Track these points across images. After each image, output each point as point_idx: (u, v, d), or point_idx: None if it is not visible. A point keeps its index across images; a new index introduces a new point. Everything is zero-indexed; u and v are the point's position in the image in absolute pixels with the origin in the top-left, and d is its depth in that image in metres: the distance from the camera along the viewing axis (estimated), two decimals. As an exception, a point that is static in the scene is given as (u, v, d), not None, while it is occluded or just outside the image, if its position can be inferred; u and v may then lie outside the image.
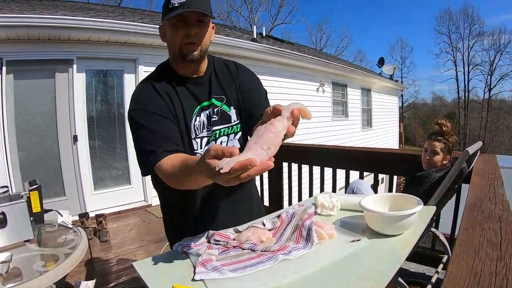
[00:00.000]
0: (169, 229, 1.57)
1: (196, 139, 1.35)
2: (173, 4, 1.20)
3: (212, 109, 1.38)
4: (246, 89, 1.45)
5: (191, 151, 1.34)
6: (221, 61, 1.49)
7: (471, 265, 0.78)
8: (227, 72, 1.46)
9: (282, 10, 36.99)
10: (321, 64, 9.51)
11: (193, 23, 1.24)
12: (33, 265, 1.65)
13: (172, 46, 1.31)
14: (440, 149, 2.25)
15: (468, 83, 35.23)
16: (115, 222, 4.83)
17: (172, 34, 1.27)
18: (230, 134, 1.42)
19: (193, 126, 1.34)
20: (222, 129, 1.39)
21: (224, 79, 1.44)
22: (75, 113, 5.01)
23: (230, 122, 1.41)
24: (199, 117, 1.36)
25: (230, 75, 1.46)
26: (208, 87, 1.40)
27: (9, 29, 4.19)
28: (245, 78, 1.48)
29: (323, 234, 1.15)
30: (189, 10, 1.20)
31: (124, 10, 8.90)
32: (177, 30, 1.25)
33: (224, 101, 1.40)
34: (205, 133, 1.37)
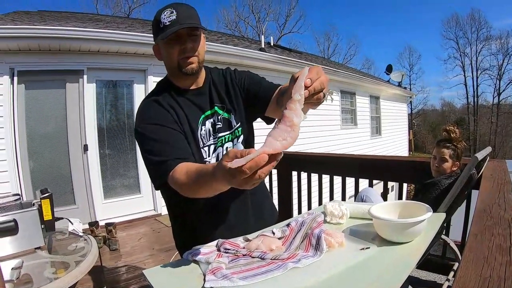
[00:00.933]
0: (178, 237, 1.57)
1: (204, 147, 1.37)
2: (164, 23, 1.24)
3: (216, 116, 1.41)
4: (246, 84, 1.48)
5: (201, 160, 1.36)
6: (217, 71, 1.52)
7: (480, 270, 0.77)
8: (223, 79, 1.49)
9: (290, 19, 37.05)
10: (329, 72, 9.50)
11: (186, 38, 1.27)
12: (43, 272, 1.66)
13: (170, 62, 1.34)
14: (449, 156, 2.23)
15: (477, 88, 34.94)
16: (125, 231, 4.85)
17: (168, 51, 1.30)
18: (233, 139, 1.45)
19: (200, 136, 1.37)
20: (226, 136, 1.43)
21: (221, 87, 1.47)
22: (86, 123, 5.07)
23: (232, 128, 1.44)
24: (204, 126, 1.38)
25: (226, 81, 1.49)
26: (209, 97, 1.43)
27: (21, 40, 4.29)
28: (241, 77, 1.50)
29: (333, 242, 1.15)
30: (181, 27, 1.22)
31: (133, 21, 9.01)
32: (172, 47, 1.28)
33: (224, 108, 1.43)
34: (212, 140, 1.39)
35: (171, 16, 1.24)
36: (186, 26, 1.23)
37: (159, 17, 1.25)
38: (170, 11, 1.24)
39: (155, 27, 1.29)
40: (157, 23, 1.27)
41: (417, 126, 36.40)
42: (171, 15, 1.24)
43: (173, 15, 1.24)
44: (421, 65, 62.08)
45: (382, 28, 70.44)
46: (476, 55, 34.57)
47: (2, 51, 4.40)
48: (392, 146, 14.24)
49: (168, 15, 1.24)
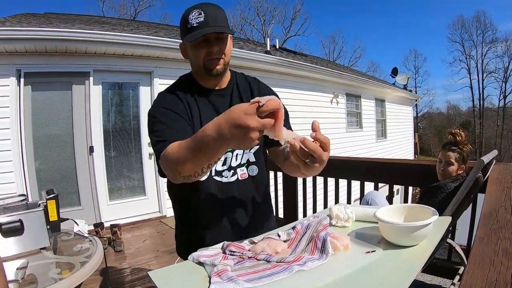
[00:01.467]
0: (181, 238, 1.58)
1: None
2: (192, 24, 1.24)
3: None
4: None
5: None
6: (243, 76, 1.53)
7: (486, 274, 0.77)
8: (248, 86, 1.50)
9: (295, 22, 37.13)
10: (335, 75, 9.49)
11: (214, 41, 1.28)
12: (48, 273, 1.66)
13: (196, 63, 1.35)
14: (455, 159, 2.21)
15: (482, 91, 34.84)
16: (130, 233, 4.86)
17: (195, 53, 1.31)
18: None
19: None
20: None
21: (245, 93, 1.47)
22: (91, 125, 5.10)
23: None
24: None
25: (251, 90, 1.49)
26: (230, 100, 1.43)
27: (27, 42, 4.32)
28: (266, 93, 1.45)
29: (338, 245, 1.14)
30: (210, 32, 1.23)
31: (139, 24, 9.05)
32: (199, 49, 1.29)
33: None
34: None
35: (199, 17, 1.24)
36: (213, 31, 1.24)
37: (187, 17, 1.25)
38: (198, 12, 1.25)
39: (183, 26, 1.29)
40: (184, 22, 1.27)
41: (423, 129, 36.30)
42: (199, 16, 1.24)
43: (201, 16, 1.24)
44: (427, 67, 61.91)
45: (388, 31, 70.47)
46: (481, 57, 34.54)
47: (9, 52, 4.44)
48: (398, 149, 14.18)
49: (196, 16, 1.24)
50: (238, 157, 1.42)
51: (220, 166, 1.40)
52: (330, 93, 9.75)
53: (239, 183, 1.42)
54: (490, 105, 35.42)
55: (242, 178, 1.42)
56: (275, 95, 1.51)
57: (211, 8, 1.27)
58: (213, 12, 1.27)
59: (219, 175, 1.40)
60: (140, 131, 5.62)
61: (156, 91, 5.61)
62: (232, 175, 1.41)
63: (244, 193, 1.44)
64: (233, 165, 1.41)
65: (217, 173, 1.40)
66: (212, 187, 1.39)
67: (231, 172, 1.41)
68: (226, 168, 1.40)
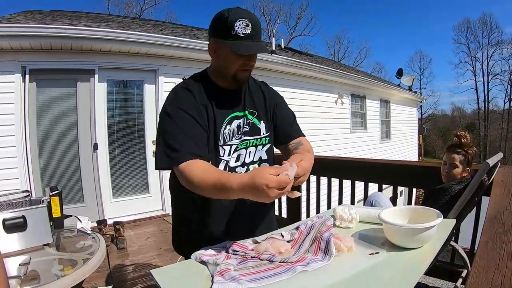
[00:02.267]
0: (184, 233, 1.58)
1: (224, 146, 1.40)
2: (237, 33, 1.27)
3: (244, 120, 1.45)
4: (277, 108, 1.57)
5: (216, 157, 1.38)
6: (252, 78, 1.57)
7: (491, 278, 0.77)
8: (259, 89, 1.56)
9: (300, 22, 37.11)
10: (340, 75, 9.47)
11: (253, 56, 1.35)
12: (51, 269, 1.67)
13: (225, 68, 1.37)
14: (459, 161, 2.19)
15: (487, 93, 34.75)
16: (133, 230, 4.87)
17: (231, 59, 1.33)
18: (258, 145, 1.49)
19: (222, 134, 1.39)
20: (251, 140, 1.47)
21: (256, 96, 1.53)
22: (96, 122, 5.11)
23: (259, 135, 1.49)
24: (229, 125, 1.41)
25: (262, 93, 1.56)
26: (243, 100, 1.48)
27: (33, 39, 4.33)
28: (276, 99, 1.60)
29: (342, 247, 1.14)
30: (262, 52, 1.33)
31: (144, 22, 9.06)
32: (238, 58, 1.32)
33: (255, 115, 1.49)
34: (234, 141, 1.42)
35: (246, 29, 1.27)
36: (265, 52, 1.34)
37: (233, 24, 1.26)
38: (245, 23, 1.27)
39: (223, 28, 1.29)
40: (227, 26, 1.27)
41: (427, 131, 36.18)
42: (246, 28, 1.27)
43: (248, 28, 1.27)
44: (432, 69, 61.55)
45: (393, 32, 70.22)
46: (487, 59, 34.44)
47: (15, 49, 4.46)
48: (402, 151, 14.13)
49: (243, 27, 1.27)
50: (251, 154, 1.47)
51: (234, 163, 1.43)
52: (335, 94, 9.73)
53: None
54: (495, 107, 35.36)
55: None
56: (282, 99, 1.62)
57: (256, 22, 1.31)
58: (258, 26, 1.32)
59: (232, 171, 1.42)
60: (144, 129, 5.64)
61: (161, 89, 5.63)
62: (245, 172, 1.44)
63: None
64: (246, 162, 1.46)
65: (231, 169, 1.42)
66: None
67: (244, 169, 1.45)
68: (240, 164, 1.44)
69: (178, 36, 5.90)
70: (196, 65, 5.78)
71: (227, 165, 1.41)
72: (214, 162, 1.37)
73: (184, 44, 5.55)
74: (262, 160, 1.51)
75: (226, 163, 1.41)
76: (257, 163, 1.49)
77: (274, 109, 1.56)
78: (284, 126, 1.56)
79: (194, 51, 5.64)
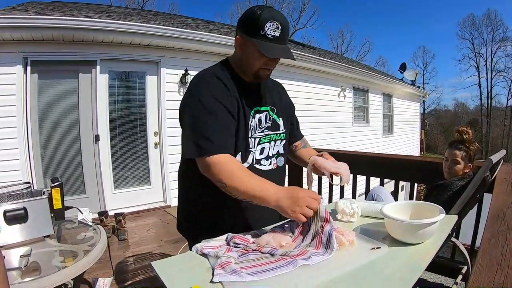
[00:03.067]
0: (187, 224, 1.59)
1: (252, 138, 1.44)
2: (266, 34, 1.30)
3: (267, 115, 1.51)
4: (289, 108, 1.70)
5: (247, 149, 1.42)
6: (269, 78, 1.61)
7: (494, 276, 0.77)
8: (276, 88, 1.66)
9: (304, 15, 36.91)
10: (343, 69, 9.43)
11: (277, 59, 1.39)
12: (52, 261, 1.67)
13: (249, 65, 1.40)
14: (461, 157, 2.18)
15: (491, 90, 34.50)
16: (134, 222, 4.88)
17: (254, 57, 1.36)
18: (277, 140, 1.55)
19: (250, 126, 1.43)
20: (272, 135, 1.52)
21: (274, 92, 1.61)
22: (98, 113, 5.10)
23: (278, 130, 1.56)
24: (254, 118, 1.45)
25: (279, 93, 1.65)
26: (264, 95, 1.53)
27: (34, 30, 4.31)
28: (288, 98, 1.71)
29: (344, 241, 1.13)
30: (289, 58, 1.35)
31: (146, 13, 9.02)
32: (262, 57, 1.34)
33: (275, 111, 1.55)
34: (258, 133, 1.46)
35: (276, 31, 1.30)
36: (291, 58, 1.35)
37: (264, 23, 1.29)
38: (276, 25, 1.30)
39: (253, 26, 1.31)
40: (257, 23, 1.30)
41: (429, 126, 36.09)
42: (276, 30, 1.30)
43: (278, 31, 1.31)
44: (435, 64, 61.14)
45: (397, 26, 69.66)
46: (491, 56, 34.14)
47: (16, 41, 4.43)
48: (404, 145, 14.11)
49: (273, 29, 1.30)
50: (273, 148, 1.53)
51: (258, 155, 1.47)
52: (337, 87, 9.70)
53: (273, 171, 1.52)
54: (498, 104, 35.10)
55: (274, 167, 1.54)
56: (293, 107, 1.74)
57: (286, 25, 1.34)
58: (288, 30, 1.35)
59: (258, 163, 1.47)
60: (146, 121, 5.63)
61: (163, 81, 5.62)
62: (269, 164, 1.51)
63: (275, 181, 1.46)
64: (269, 155, 1.51)
65: (257, 162, 1.47)
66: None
67: (268, 161, 1.50)
68: (264, 157, 1.49)
69: (180, 27, 5.86)
70: (198, 56, 5.77)
71: (254, 156, 1.45)
72: (244, 153, 1.41)
73: (186, 35, 5.52)
74: (279, 154, 1.57)
75: (253, 154, 1.45)
76: (275, 157, 1.55)
77: (290, 111, 1.68)
78: (294, 128, 1.72)
79: (197, 43, 5.61)
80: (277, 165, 1.55)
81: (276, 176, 1.53)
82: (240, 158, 1.41)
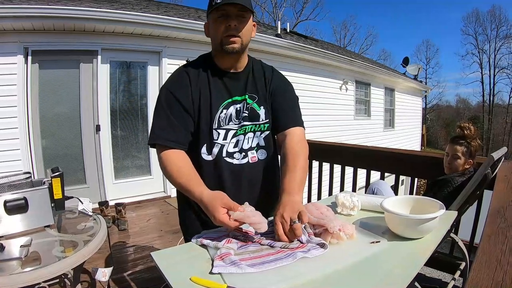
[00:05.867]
0: (185, 219, 1.59)
1: (218, 129, 1.42)
2: (216, 1, 1.29)
3: (244, 104, 1.45)
4: (276, 94, 1.53)
5: (211, 140, 1.42)
6: (260, 63, 1.58)
7: (493, 273, 0.77)
8: (263, 74, 1.54)
9: (307, 6, 36.62)
10: (345, 62, 9.40)
11: (233, 17, 1.33)
12: (52, 250, 1.67)
13: (214, 39, 1.40)
14: (462, 153, 2.18)
15: (493, 87, 34.35)
16: (134, 212, 4.90)
17: (214, 28, 1.37)
18: (257, 131, 1.49)
19: (217, 117, 1.41)
20: (250, 126, 1.47)
21: (259, 80, 1.52)
22: (99, 103, 5.10)
23: (258, 121, 1.49)
24: (226, 110, 1.43)
25: (265, 78, 1.54)
26: (244, 84, 1.49)
27: (35, 20, 4.29)
28: (278, 84, 1.56)
29: (342, 236, 1.13)
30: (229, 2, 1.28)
31: (148, 3, 8.95)
32: (219, 24, 1.34)
33: (256, 100, 1.48)
34: (232, 125, 1.43)
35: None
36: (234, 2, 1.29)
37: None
38: None
39: (209, 6, 1.35)
40: (210, 2, 1.34)
41: (431, 121, 35.96)
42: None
43: None
44: (438, 59, 60.66)
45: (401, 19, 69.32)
46: (494, 52, 33.93)
47: (17, 30, 4.42)
48: (405, 140, 14.10)
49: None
50: (249, 140, 1.48)
51: (232, 148, 1.45)
52: (339, 80, 9.67)
53: (249, 165, 1.48)
54: (500, 101, 35.01)
55: (253, 161, 1.49)
56: (288, 85, 1.61)
57: None
58: None
59: (230, 157, 1.45)
60: (147, 111, 5.62)
61: (165, 71, 5.60)
62: (243, 158, 1.46)
63: (254, 176, 1.50)
64: (244, 148, 1.47)
65: (229, 155, 1.45)
66: (223, 168, 1.44)
67: (242, 155, 1.46)
68: (238, 150, 1.46)
69: (182, 17, 5.83)
70: (201, 47, 5.73)
71: (222, 149, 1.43)
72: (209, 146, 1.42)
73: (188, 25, 5.50)
74: (259, 147, 1.51)
75: (221, 147, 1.43)
76: (254, 149, 1.50)
77: (272, 94, 1.53)
78: (278, 113, 1.51)
79: (199, 33, 5.58)
80: (258, 158, 1.50)
81: (255, 170, 1.50)
82: (205, 150, 1.43)
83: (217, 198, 1.17)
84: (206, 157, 1.43)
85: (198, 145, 1.42)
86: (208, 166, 1.44)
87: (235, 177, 1.46)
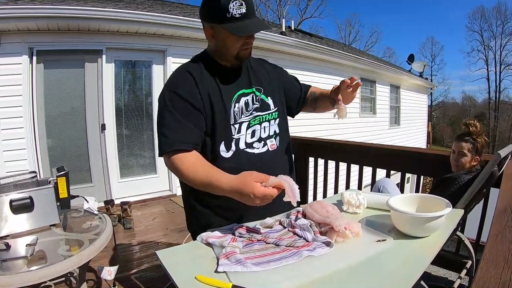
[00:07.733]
0: (192, 219, 1.57)
1: (234, 125, 1.42)
2: (233, 15, 1.26)
3: (253, 96, 1.48)
4: (282, 79, 1.65)
5: (228, 137, 1.41)
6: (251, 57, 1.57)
7: (500, 272, 0.75)
8: (261, 66, 1.61)
9: (311, 4, 36.51)
10: (350, 59, 9.36)
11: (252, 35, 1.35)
12: (57, 249, 1.68)
13: (227, 50, 1.38)
14: (468, 150, 2.16)
15: (499, 84, 34.01)
16: (140, 210, 4.91)
17: (230, 42, 1.34)
18: (270, 120, 1.52)
19: (233, 112, 1.41)
20: (264, 116, 1.50)
21: (260, 72, 1.56)
22: (104, 102, 5.11)
23: (269, 110, 1.52)
24: (238, 103, 1.43)
25: (265, 69, 1.60)
26: (248, 77, 1.51)
27: (40, 20, 4.30)
28: (278, 70, 1.68)
29: (348, 234, 1.12)
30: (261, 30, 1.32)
31: (153, 2, 8.96)
32: (238, 40, 1.33)
33: (262, 91, 1.52)
34: (244, 118, 1.44)
35: (241, 8, 1.27)
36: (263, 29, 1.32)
37: (226, 5, 1.26)
38: (239, 3, 1.26)
39: (217, 12, 1.29)
40: (220, 8, 1.27)
41: (436, 118, 35.80)
42: (241, 7, 1.27)
43: (243, 7, 1.27)
44: (444, 56, 60.26)
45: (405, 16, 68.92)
46: (500, 49, 33.60)
47: (22, 30, 4.43)
48: (410, 137, 14.03)
49: (237, 7, 1.26)
50: (266, 129, 1.50)
51: (250, 139, 1.45)
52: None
53: (269, 153, 1.49)
54: (506, 98, 34.63)
55: (272, 149, 1.51)
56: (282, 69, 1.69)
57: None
58: (251, 1, 1.31)
59: (250, 147, 1.45)
60: (152, 110, 5.63)
61: (170, 70, 5.59)
62: (263, 146, 1.48)
63: (274, 163, 1.50)
64: (263, 137, 1.48)
65: (248, 146, 1.45)
66: (244, 160, 1.43)
67: (261, 143, 1.48)
68: (256, 139, 1.47)
69: (187, 16, 5.83)
70: (205, 45, 5.61)
71: (239, 142, 1.42)
72: (226, 142, 1.40)
73: (193, 24, 5.48)
74: (276, 134, 1.54)
75: (239, 140, 1.42)
76: (273, 137, 1.52)
77: (278, 78, 1.62)
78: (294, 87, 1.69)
79: (204, 32, 5.54)
80: (276, 145, 1.53)
81: (275, 157, 1.52)
82: (224, 147, 1.41)
83: (247, 175, 1.15)
84: (225, 154, 1.41)
85: (214, 144, 1.39)
86: (228, 162, 1.40)
87: (257, 167, 1.38)
